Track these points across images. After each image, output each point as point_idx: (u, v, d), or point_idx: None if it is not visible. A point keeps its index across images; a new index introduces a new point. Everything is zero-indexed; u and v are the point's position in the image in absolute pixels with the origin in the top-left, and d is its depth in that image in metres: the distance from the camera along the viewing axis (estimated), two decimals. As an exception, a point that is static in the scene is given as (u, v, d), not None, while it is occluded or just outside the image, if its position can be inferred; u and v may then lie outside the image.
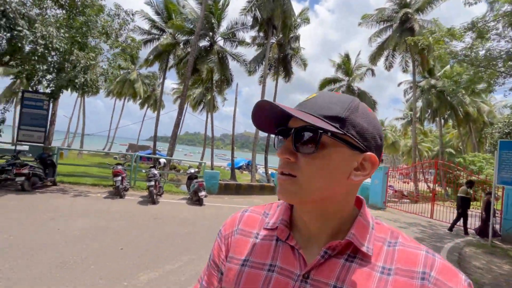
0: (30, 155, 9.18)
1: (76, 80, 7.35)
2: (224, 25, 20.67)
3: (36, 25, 6.39)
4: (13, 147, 9.61)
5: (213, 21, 18.55)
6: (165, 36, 21.03)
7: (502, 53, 8.01)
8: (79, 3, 8.11)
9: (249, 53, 21.71)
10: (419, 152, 35.11)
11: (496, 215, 8.26)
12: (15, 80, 21.86)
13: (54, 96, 8.45)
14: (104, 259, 3.83)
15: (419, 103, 24.03)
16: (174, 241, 4.85)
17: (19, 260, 3.55)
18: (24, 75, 8.01)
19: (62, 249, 3.99)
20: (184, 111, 31.31)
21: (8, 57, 7.54)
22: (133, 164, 9.86)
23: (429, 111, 24.50)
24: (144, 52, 23.89)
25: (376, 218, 0.56)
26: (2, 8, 5.84)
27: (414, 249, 0.50)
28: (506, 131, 13.15)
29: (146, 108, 38.50)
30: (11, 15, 5.90)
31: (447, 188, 18.08)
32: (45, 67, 7.24)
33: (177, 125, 14.18)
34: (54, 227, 4.86)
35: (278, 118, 0.52)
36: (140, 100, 36.42)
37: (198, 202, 7.99)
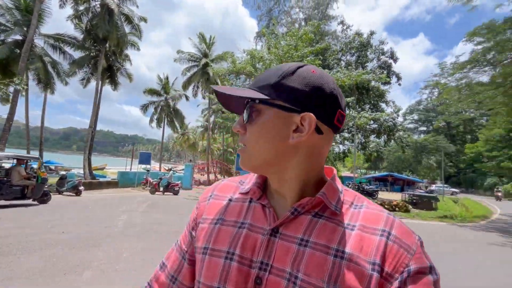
0: None
1: None
2: (45, 23, 20.33)
3: None
4: None
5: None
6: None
7: None
8: None
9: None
10: (212, 151, 48.45)
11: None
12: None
13: None
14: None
15: (212, 119, 35.25)
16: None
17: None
18: None
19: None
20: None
21: None
22: None
23: (217, 125, 36.46)
24: None
25: (344, 186, 0.60)
26: None
27: (378, 211, 0.54)
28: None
29: None
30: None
31: (225, 176, 29.79)
32: None
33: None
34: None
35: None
36: None
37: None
